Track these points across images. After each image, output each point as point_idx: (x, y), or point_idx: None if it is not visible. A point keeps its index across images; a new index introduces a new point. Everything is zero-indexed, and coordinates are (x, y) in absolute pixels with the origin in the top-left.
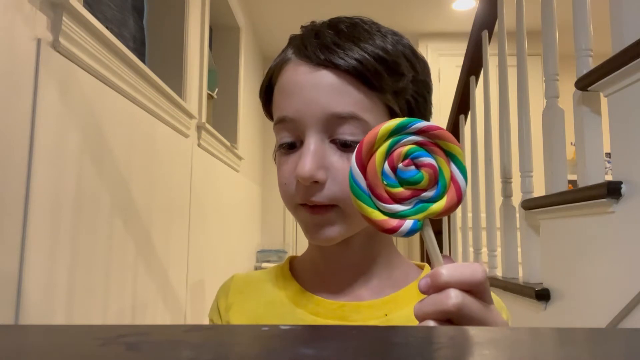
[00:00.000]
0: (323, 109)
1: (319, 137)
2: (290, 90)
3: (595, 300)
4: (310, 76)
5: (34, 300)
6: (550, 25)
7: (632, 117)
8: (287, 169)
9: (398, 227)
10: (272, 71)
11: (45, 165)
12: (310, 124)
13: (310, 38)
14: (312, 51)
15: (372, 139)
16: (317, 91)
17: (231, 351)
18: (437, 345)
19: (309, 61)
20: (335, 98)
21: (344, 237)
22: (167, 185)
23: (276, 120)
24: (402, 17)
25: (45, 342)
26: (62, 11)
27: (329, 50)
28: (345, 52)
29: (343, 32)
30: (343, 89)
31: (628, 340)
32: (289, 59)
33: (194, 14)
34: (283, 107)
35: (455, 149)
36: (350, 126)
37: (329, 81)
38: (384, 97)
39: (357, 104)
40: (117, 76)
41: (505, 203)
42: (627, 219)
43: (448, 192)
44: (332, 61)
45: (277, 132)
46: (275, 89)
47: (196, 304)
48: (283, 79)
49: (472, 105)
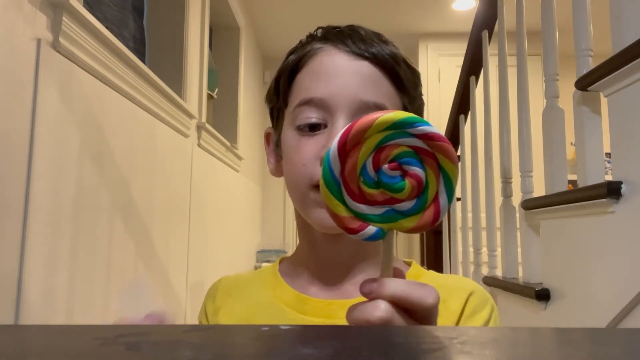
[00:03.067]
0: (357, 96)
1: (348, 121)
2: (326, 73)
3: (595, 300)
4: (350, 63)
5: (34, 300)
6: (550, 25)
7: (632, 117)
8: (310, 149)
9: (358, 230)
10: (302, 57)
11: (45, 165)
12: (342, 108)
13: (345, 32)
14: (351, 41)
15: (367, 125)
16: (356, 78)
17: (231, 351)
18: (437, 345)
19: (348, 50)
20: (370, 88)
21: None
22: (167, 185)
23: (302, 101)
24: (402, 17)
25: (45, 342)
26: (62, 11)
27: (367, 43)
28: (380, 47)
29: (373, 32)
30: (378, 81)
31: (628, 340)
32: (321, 47)
33: (194, 14)
34: (314, 89)
35: (451, 169)
36: None
37: (367, 71)
38: (404, 98)
39: (387, 98)
40: (117, 76)
41: (505, 203)
42: (627, 219)
43: (425, 211)
44: (371, 52)
45: (299, 113)
46: (302, 72)
47: (196, 304)
48: (317, 63)
49: (472, 105)
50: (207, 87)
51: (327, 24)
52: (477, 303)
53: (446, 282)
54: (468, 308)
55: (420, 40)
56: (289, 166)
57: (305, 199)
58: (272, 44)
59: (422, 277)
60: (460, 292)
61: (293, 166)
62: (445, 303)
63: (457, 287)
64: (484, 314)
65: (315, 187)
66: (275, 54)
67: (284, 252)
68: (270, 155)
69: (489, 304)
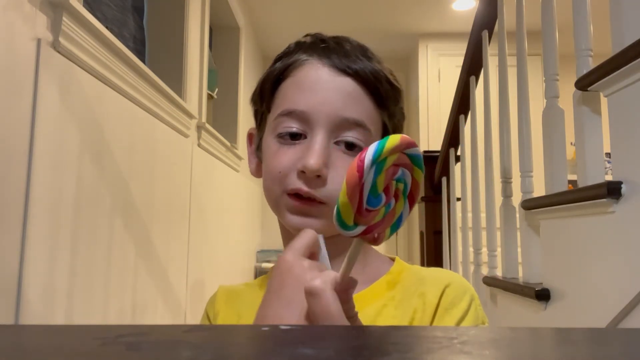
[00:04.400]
0: (337, 112)
1: (326, 137)
2: (309, 86)
3: (595, 300)
4: (333, 79)
5: (34, 300)
6: (550, 25)
7: (632, 117)
8: (287, 158)
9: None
10: (287, 66)
11: (45, 165)
12: (321, 122)
13: (330, 45)
14: (336, 56)
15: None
16: (337, 94)
17: (231, 351)
18: (437, 345)
19: (332, 65)
20: (350, 105)
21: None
22: (167, 185)
23: (284, 112)
24: (402, 17)
25: (45, 342)
26: (62, 11)
27: (350, 59)
28: (363, 64)
29: (358, 47)
30: (358, 98)
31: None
32: (307, 60)
33: (194, 14)
34: (297, 101)
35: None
36: (357, 132)
37: (349, 88)
38: (383, 114)
39: (367, 114)
40: (117, 76)
41: (505, 203)
42: (627, 219)
43: (369, 227)
44: (355, 69)
45: (281, 122)
46: (287, 82)
47: (196, 304)
48: (301, 75)
49: (472, 105)
50: (207, 87)
51: (327, 24)
52: (455, 295)
53: (426, 275)
54: (445, 300)
55: (420, 40)
56: (266, 171)
57: (279, 204)
58: (272, 44)
59: (405, 271)
60: (437, 285)
61: (270, 173)
62: (424, 296)
63: (434, 279)
64: (463, 305)
65: (288, 194)
66: (275, 54)
67: None
68: (252, 155)
69: (468, 295)
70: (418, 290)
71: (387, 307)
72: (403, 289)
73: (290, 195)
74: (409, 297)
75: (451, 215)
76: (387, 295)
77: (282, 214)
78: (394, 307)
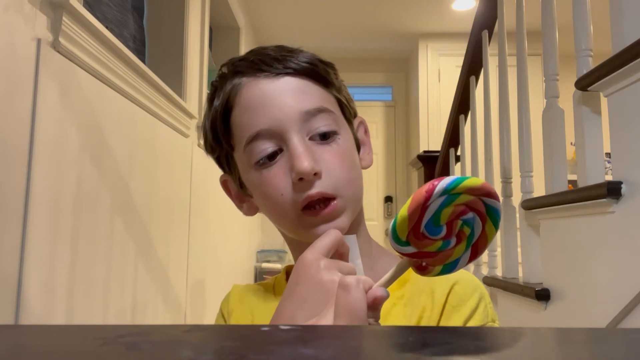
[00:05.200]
0: (296, 110)
1: (300, 136)
2: (258, 103)
3: (595, 300)
4: (275, 84)
5: (34, 300)
6: (550, 25)
7: (632, 117)
8: (279, 178)
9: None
10: (226, 98)
11: (45, 165)
12: (289, 127)
13: (254, 60)
14: (268, 63)
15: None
16: (286, 95)
17: (231, 351)
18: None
19: (268, 73)
20: (302, 98)
21: (348, 225)
22: (167, 185)
23: (249, 139)
24: (402, 17)
25: (45, 342)
26: (62, 11)
27: (282, 59)
28: (295, 58)
29: (280, 48)
30: (306, 89)
31: (628, 340)
32: (241, 82)
33: (194, 14)
34: (255, 123)
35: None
36: (322, 119)
37: (294, 84)
38: (334, 91)
39: (321, 99)
40: (117, 76)
41: (505, 203)
42: (627, 219)
43: (429, 260)
44: (290, 66)
45: (252, 149)
46: (235, 112)
47: (196, 304)
48: (245, 98)
49: (472, 105)
50: (207, 87)
51: (327, 24)
52: (463, 292)
53: None
54: (453, 298)
55: (420, 40)
56: (266, 201)
57: (298, 224)
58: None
59: None
60: (445, 282)
61: (271, 200)
62: (432, 294)
63: (442, 277)
64: (471, 303)
65: (304, 208)
66: None
67: (284, 252)
68: (237, 199)
69: (477, 293)
70: (427, 288)
71: (396, 306)
72: (412, 287)
73: (306, 210)
74: (418, 294)
75: None
76: (396, 294)
77: (307, 234)
78: (403, 305)
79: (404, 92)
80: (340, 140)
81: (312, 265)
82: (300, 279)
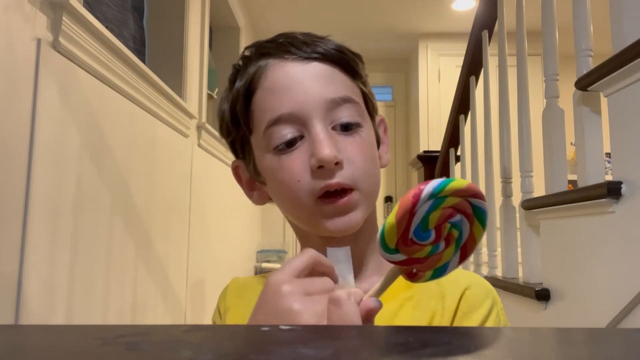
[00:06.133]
0: (322, 96)
1: (323, 124)
2: (283, 85)
3: (595, 300)
4: (303, 68)
5: (34, 300)
6: (550, 25)
7: (632, 117)
8: (298, 164)
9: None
10: (250, 79)
11: (45, 165)
12: (313, 113)
13: (283, 42)
14: (297, 46)
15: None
16: (313, 80)
17: (231, 351)
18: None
19: (296, 56)
20: (330, 85)
21: (362, 222)
22: (167, 185)
23: (270, 122)
24: (402, 17)
25: (45, 342)
26: (62, 11)
27: (311, 44)
28: (324, 44)
29: (305, 34)
30: (334, 76)
31: (628, 340)
32: (268, 63)
33: (194, 14)
34: (278, 106)
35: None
36: (347, 109)
37: (321, 70)
38: (360, 82)
39: (348, 88)
40: (117, 76)
41: (505, 203)
42: (627, 219)
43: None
44: (318, 51)
45: (272, 134)
46: (258, 94)
47: (196, 304)
48: (270, 79)
49: (472, 105)
50: (207, 87)
51: (327, 24)
52: (475, 298)
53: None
54: (464, 304)
55: (420, 40)
56: (281, 188)
57: (312, 212)
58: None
59: None
60: (456, 287)
61: (287, 186)
62: (443, 298)
63: (454, 281)
64: (483, 310)
65: (321, 197)
66: None
67: (284, 252)
68: (248, 187)
69: (489, 299)
70: (437, 291)
71: (404, 307)
72: (421, 290)
73: (322, 199)
74: (428, 298)
75: None
76: (404, 296)
77: (319, 225)
78: (412, 307)
79: (404, 92)
80: (363, 133)
81: (274, 291)
82: (261, 304)
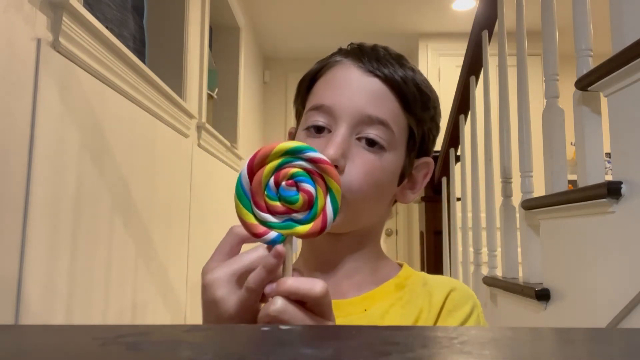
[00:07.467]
0: (361, 109)
1: (348, 131)
2: (337, 83)
3: (595, 300)
4: (361, 78)
5: (34, 300)
6: (550, 25)
7: (632, 117)
8: None
9: (263, 234)
10: (322, 66)
11: (45, 165)
12: (345, 117)
13: (365, 50)
14: (367, 59)
15: (268, 151)
16: (362, 92)
17: (231, 351)
18: (437, 346)
19: (362, 66)
20: (374, 103)
21: (341, 227)
22: (167, 185)
23: (313, 106)
24: (402, 17)
25: (45, 342)
26: (62, 11)
27: (381, 63)
28: (394, 68)
29: (393, 54)
30: (383, 97)
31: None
32: (340, 61)
33: (194, 14)
34: (325, 96)
35: (334, 186)
36: (379, 130)
37: (374, 88)
38: (410, 118)
39: (390, 114)
40: (117, 76)
41: (505, 203)
42: (627, 219)
43: (315, 220)
44: (382, 72)
45: (309, 116)
46: (320, 81)
47: (196, 304)
48: (333, 73)
49: (472, 105)
50: (207, 87)
51: (327, 24)
52: (459, 299)
53: (433, 280)
54: (449, 303)
55: (420, 40)
56: None
57: None
58: (272, 44)
59: (412, 276)
60: (443, 288)
61: None
62: (430, 297)
63: (441, 283)
64: (466, 309)
65: None
66: (275, 54)
67: None
68: None
69: (471, 302)
70: (425, 292)
71: (394, 306)
72: (410, 291)
73: None
74: (416, 297)
75: (451, 215)
76: (395, 296)
77: None
78: (401, 306)
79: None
80: (384, 158)
81: (202, 284)
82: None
